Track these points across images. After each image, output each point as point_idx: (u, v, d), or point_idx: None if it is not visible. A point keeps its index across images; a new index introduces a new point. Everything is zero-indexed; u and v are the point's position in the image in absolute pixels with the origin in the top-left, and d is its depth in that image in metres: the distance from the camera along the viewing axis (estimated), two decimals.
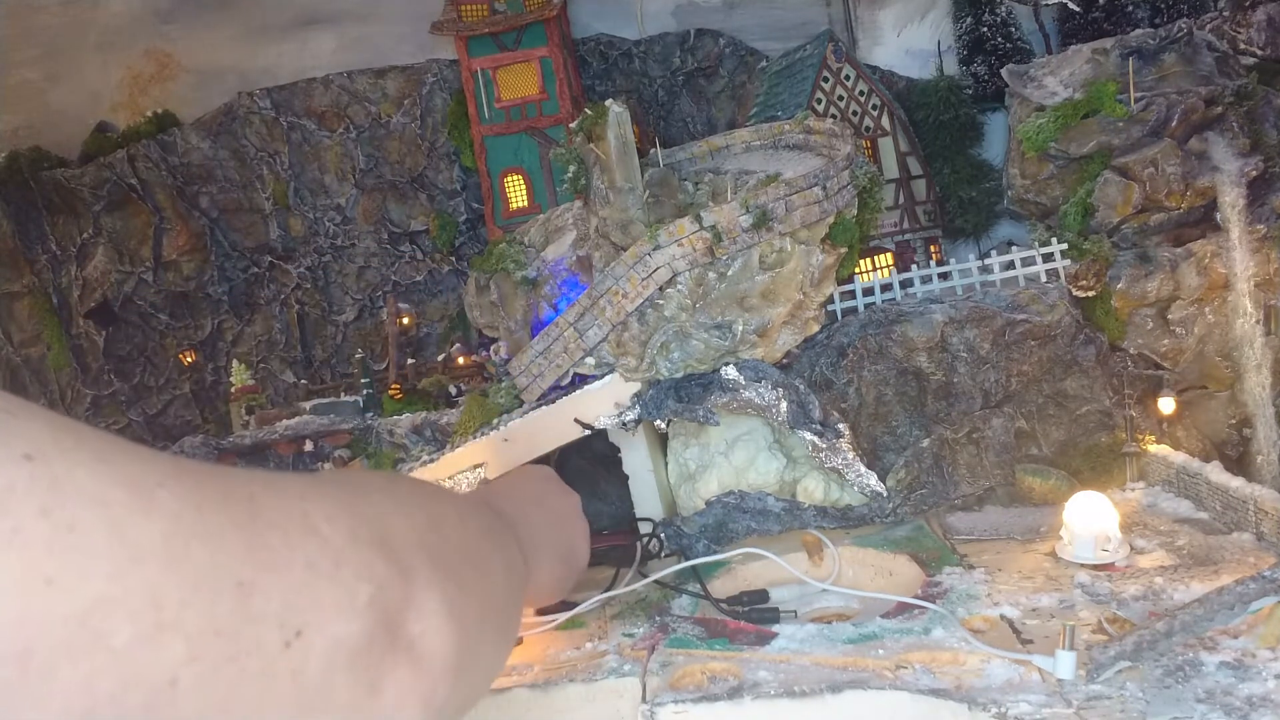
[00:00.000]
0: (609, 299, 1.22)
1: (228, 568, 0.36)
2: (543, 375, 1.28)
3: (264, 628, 0.37)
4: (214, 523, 0.37)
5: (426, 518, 0.50)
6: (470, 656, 0.47)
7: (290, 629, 0.38)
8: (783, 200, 1.20)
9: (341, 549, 0.41)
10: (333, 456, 1.35)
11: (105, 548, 0.33)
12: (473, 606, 0.48)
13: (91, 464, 0.34)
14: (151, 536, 0.34)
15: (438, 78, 1.79)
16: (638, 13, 1.79)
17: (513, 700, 0.92)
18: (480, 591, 0.51)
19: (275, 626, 0.37)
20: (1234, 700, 0.75)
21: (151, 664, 0.34)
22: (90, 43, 1.87)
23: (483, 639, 0.50)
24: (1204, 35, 1.46)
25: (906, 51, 1.74)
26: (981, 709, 0.78)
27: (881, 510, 1.23)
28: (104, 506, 0.34)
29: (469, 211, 1.80)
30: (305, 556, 0.40)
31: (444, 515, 0.53)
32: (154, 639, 0.34)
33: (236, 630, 0.36)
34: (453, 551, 0.50)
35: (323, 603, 0.39)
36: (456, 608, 0.46)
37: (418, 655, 0.43)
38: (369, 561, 0.42)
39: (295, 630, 0.38)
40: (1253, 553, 1.03)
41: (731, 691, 0.85)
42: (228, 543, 0.37)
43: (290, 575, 0.39)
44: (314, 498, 0.42)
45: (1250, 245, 1.32)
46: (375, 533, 0.44)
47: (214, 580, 0.36)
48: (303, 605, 0.38)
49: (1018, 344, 1.28)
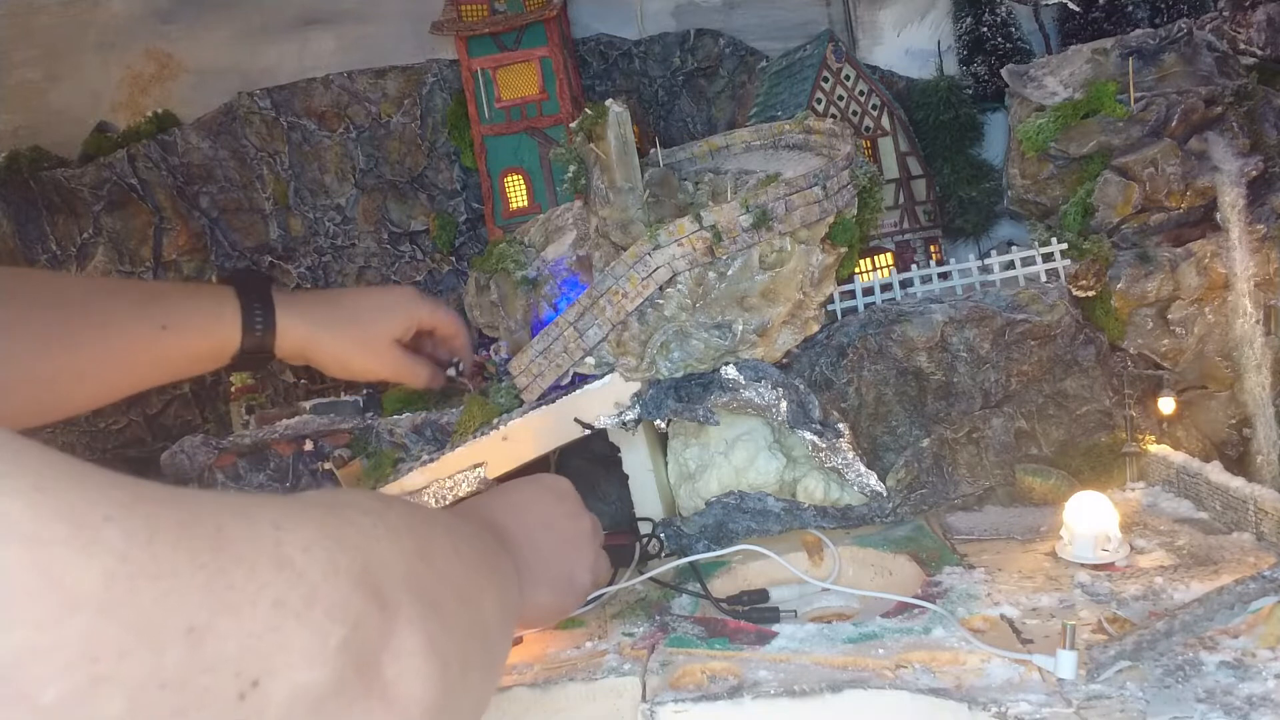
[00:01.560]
0: (609, 299, 1.22)
1: (178, 611, 0.33)
2: (543, 375, 1.28)
3: (217, 677, 0.34)
4: (167, 560, 0.34)
5: (416, 546, 0.47)
6: (454, 697, 0.44)
7: (246, 679, 0.35)
8: (783, 200, 1.21)
9: (316, 583, 0.38)
10: (333, 456, 1.35)
11: (35, 592, 0.30)
12: (457, 644, 0.46)
13: (28, 494, 0.31)
14: (91, 579, 0.31)
15: (438, 78, 1.79)
16: (638, 13, 1.79)
17: (512, 700, 0.92)
18: (468, 629, 0.48)
19: (230, 676, 0.34)
20: (1234, 700, 0.75)
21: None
22: (90, 43, 1.87)
23: (467, 679, 0.47)
24: (1204, 35, 1.46)
25: (906, 51, 1.74)
26: (981, 708, 0.78)
27: (881, 510, 1.23)
28: (38, 545, 0.31)
29: (469, 211, 1.80)
30: (273, 594, 0.36)
31: (435, 545, 0.50)
32: (88, 695, 0.31)
33: (184, 682, 0.33)
34: (441, 585, 0.47)
35: (288, 647, 0.36)
36: (439, 647, 0.43)
37: (392, 700, 0.40)
38: (345, 597, 0.39)
39: (252, 680, 0.35)
40: (1253, 553, 1.03)
41: (731, 691, 0.85)
42: (181, 582, 0.33)
43: (253, 617, 0.35)
44: (291, 525, 0.39)
45: (1250, 245, 1.32)
46: (357, 562, 0.41)
47: (161, 626, 0.32)
48: (263, 651, 0.35)
49: (1018, 344, 1.28)
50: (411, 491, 1.26)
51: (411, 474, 1.26)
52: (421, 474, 1.26)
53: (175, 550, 0.34)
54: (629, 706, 0.90)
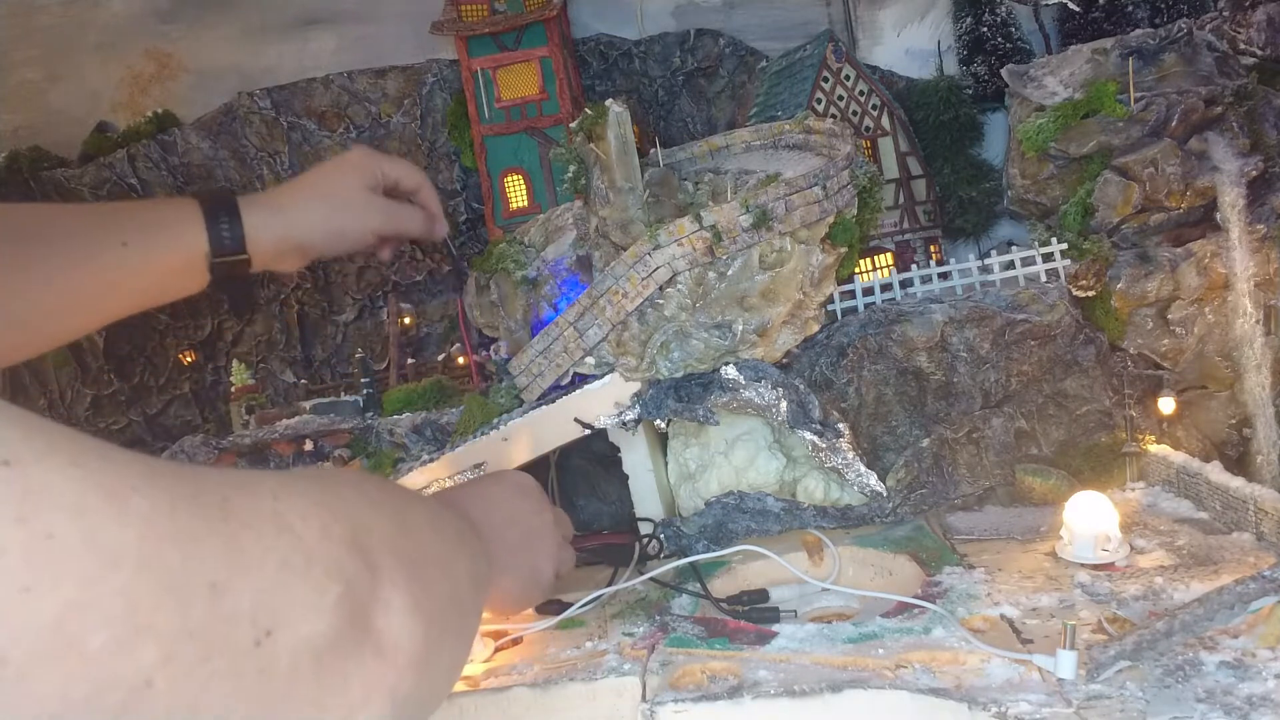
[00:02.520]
0: (609, 299, 1.22)
1: (200, 570, 0.37)
2: (543, 375, 1.28)
3: (235, 628, 0.38)
4: (187, 525, 0.37)
5: (395, 516, 0.51)
6: (434, 653, 0.48)
7: (261, 628, 0.39)
8: (783, 200, 1.21)
9: (314, 546, 0.42)
10: (333, 456, 1.35)
11: (80, 554, 0.33)
12: (436, 606, 0.49)
13: (66, 469, 0.34)
14: (125, 541, 0.35)
15: (438, 78, 1.79)
16: (638, 13, 1.79)
17: (512, 700, 0.92)
18: (444, 593, 0.52)
19: (247, 626, 0.38)
20: (1234, 700, 0.75)
21: (126, 667, 0.34)
22: (90, 43, 1.87)
23: (445, 638, 0.51)
24: (1204, 35, 1.46)
25: (906, 51, 1.74)
26: (981, 708, 0.78)
27: (881, 510, 1.23)
28: (79, 513, 0.34)
29: (469, 211, 1.80)
30: (279, 555, 0.41)
31: (413, 517, 0.54)
32: (128, 643, 0.34)
33: (208, 631, 0.37)
34: (420, 552, 0.51)
35: (294, 601, 0.40)
36: (422, 605, 0.47)
37: (383, 649, 0.45)
38: (339, 559, 0.43)
39: (265, 630, 0.39)
40: (1253, 553, 1.03)
41: (731, 691, 0.85)
42: (201, 545, 0.37)
43: (263, 575, 0.39)
44: (286, 496, 0.43)
45: (1250, 245, 1.32)
46: (346, 529, 0.45)
47: (187, 583, 0.36)
48: (274, 605, 0.39)
49: (1018, 344, 1.28)
50: None
51: (411, 474, 1.26)
52: (421, 474, 1.26)
53: (192, 517, 0.38)
54: (629, 706, 0.90)
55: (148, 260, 0.91)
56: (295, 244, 1.01)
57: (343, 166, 1.07)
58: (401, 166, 1.12)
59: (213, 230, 0.94)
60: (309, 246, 1.02)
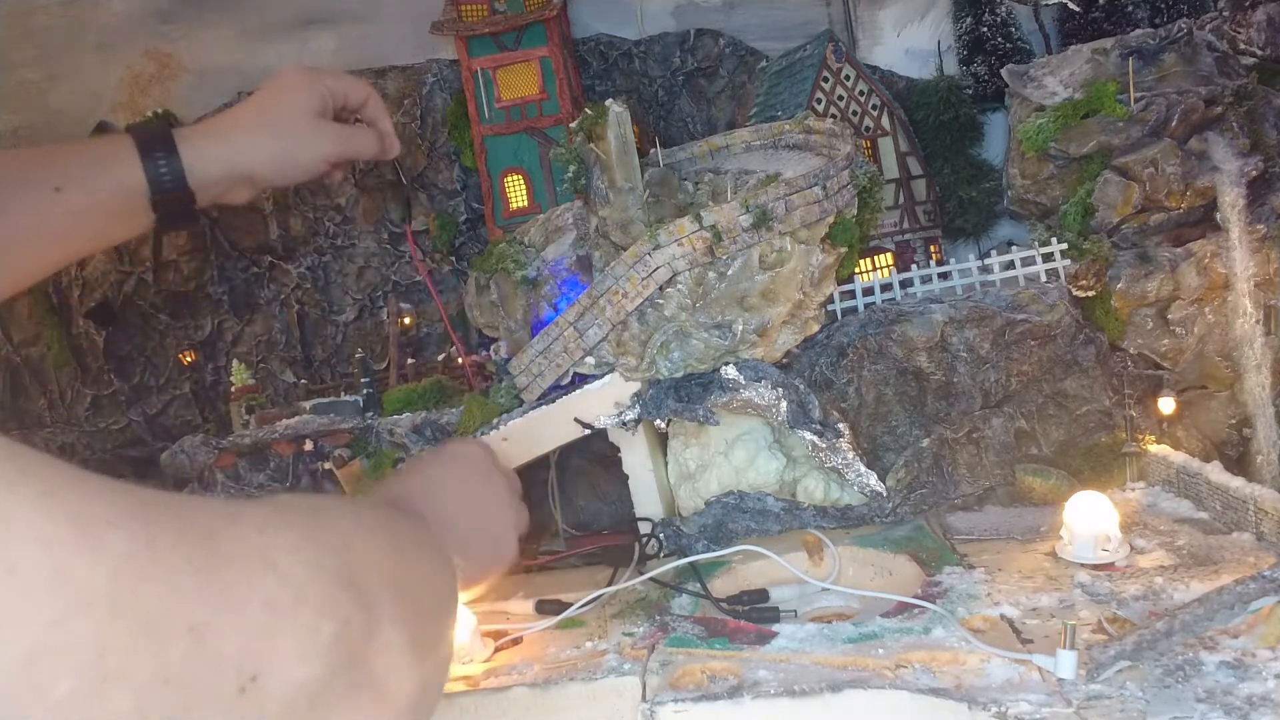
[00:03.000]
0: (609, 298, 1.22)
1: (180, 611, 0.35)
2: (543, 375, 1.28)
3: (218, 674, 0.35)
4: (167, 562, 0.35)
5: (390, 543, 0.49)
6: (430, 687, 0.47)
7: (246, 674, 0.36)
8: (783, 200, 1.21)
9: (303, 584, 0.40)
10: (333, 456, 1.35)
11: (47, 593, 0.31)
12: (431, 630, 0.48)
13: (36, 499, 0.32)
14: (98, 579, 0.32)
15: (438, 78, 1.79)
16: (638, 13, 1.79)
17: (512, 700, 0.92)
18: (436, 615, 0.51)
19: (231, 672, 0.36)
20: (1234, 700, 0.75)
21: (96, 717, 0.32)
22: (90, 43, 1.87)
23: (438, 666, 0.49)
24: (1204, 35, 1.46)
25: (906, 51, 1.74)
26: (981, 708, 0.78)
27: (881, 510, 1.23)
28: (47, 547, 0.31)
29: (469, 211, 1.80)
30: (264, 595, 0.38)
31: (404, 539, 0.52)
32: (98, 691, 0.32)
33: (188, 678, 0.34)
34: (412, 576, 0.50)
35: (282, 644, 0.38)
36: (418, 639, 0.46)
37: (381, 693, 0.42)
38: (333, 597, 0.41)
39: (250, 675, 0.36)
40: (1253, 553, 1.03)
41: (731, 691, 0.85)
42: (181, 584, 0.35)
43: (248, 616, 0.37)
44: (275, 529, 0.41)
45: (1250, 245, 1.32)
46: (340, 563, 0.42)
47: (165, 625, 0.34)
48: (260, 648, 0.37)
49: (1018, 344, 1.28)
50: None
51: None
52: None
53: (173, 553, 0.35)
54: (629, 706, 0.90)
55: (85, 204, 0.86)
56: (243, 175, 0.94)
57: (287, 89, 0.98)
58: (346, 81, 1.05)
59: (149, 167, 0.88)
60: (259, 178, 0.96)
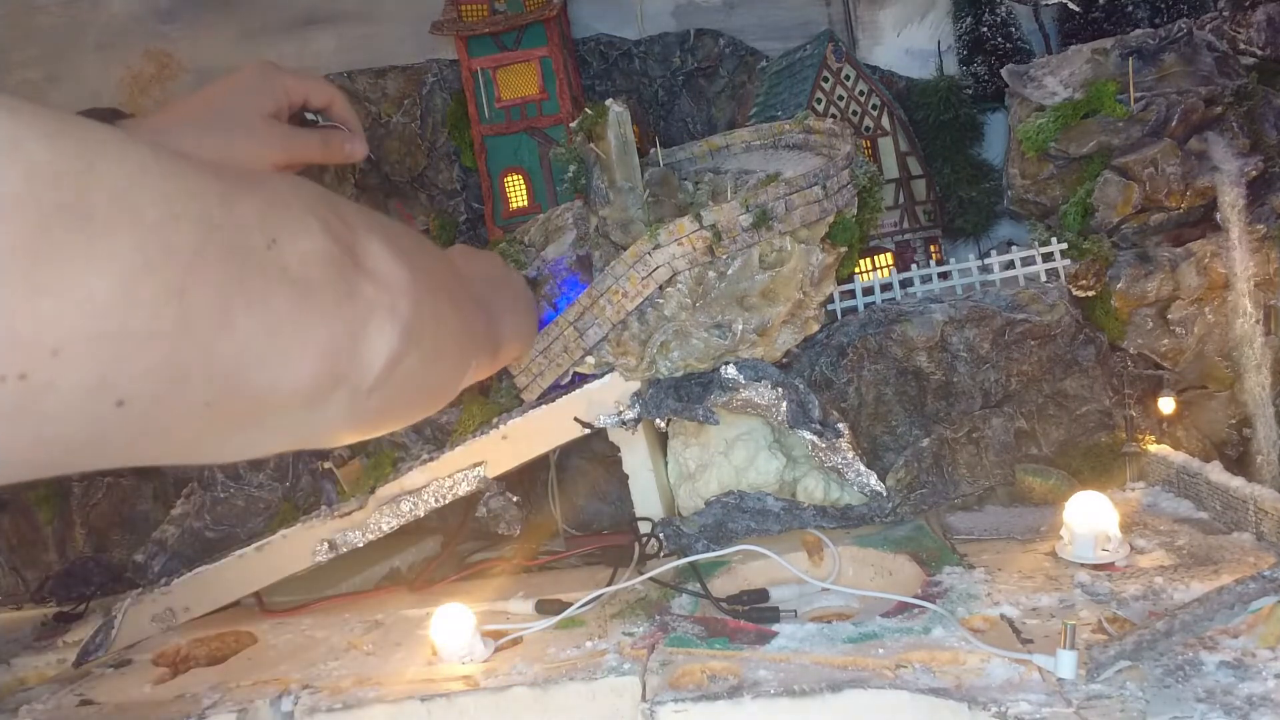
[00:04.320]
0: (609, 298, 1.22)
1: (212, 185, 0.40)
2: (543, 374, 1.28)
3: (248, 231, 0.41)
4: (179, 162, 0.40)
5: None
6: (425, 300, 0.52)
7: (268, 235, 0.42)
8: (783, 200, 1.21)
9: (290, 194, 0.46)
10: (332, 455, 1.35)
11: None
12: (421, 268, 0.53)
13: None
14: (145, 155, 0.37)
15: (438, 78, 1.79)
16: (638, 13, 1.79)
17: (512, 699, 0.92)
18: (427, 269, 0.55)
19: (256, 231, 0.41)
20: (1234, 700, 0.75)
21: (172, 243, 0.37)
22: (90, 43, 1.87)
23: (436, 303, 0.54)
24: (1204, 35, 1.46)
25: (906, 51, 1.74)
26: (981, 708, 0.78)
27: (881, 510, 1.23)
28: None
29: (469, 211, 1.79)
30: (264, 191, 0.44)
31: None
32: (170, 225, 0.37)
33: (229, 230, 0.40)
34: (395, 230, 0.55)
35: (289, 222, 0.44)
36: (404, 256, 0.51)
37: (378, 277, 0.49)
38: (312, 202, 0.47)
39: (271, 238, 0.42)
40: (1253, 553, 1.03)
41: (731, 690, 0.85)
42: (201, 170, 0.41)
43: (258, 198, 0.43)
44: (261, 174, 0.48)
45: (1250, 245, 1.32)
46: (318, 192, 0.50)
47: (204, 189, 0.39)
48: (273, 220, 0.43)
49: (1018, 344, 1.28)
50: (411, 490, 1.26)
51: (411, 473, 1.26)
52: (421, 473, 1.26)
53: (194, 163, 0.41)
54: (629, 706, 0.90)
55: None
56: None
57: (240, 88, 0.97)
58: (309, 82, 1.02)
59: None
60: None
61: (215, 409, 0.40)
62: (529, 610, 1.15)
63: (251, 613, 1.30)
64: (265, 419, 0.44)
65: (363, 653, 1.10)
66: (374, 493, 1.27)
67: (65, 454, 0.36)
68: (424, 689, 0.95)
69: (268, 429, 0.45)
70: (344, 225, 0.48)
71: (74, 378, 0.33)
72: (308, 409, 0.45)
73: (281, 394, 0.43)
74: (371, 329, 0.47)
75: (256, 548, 1.28)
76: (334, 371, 0.45)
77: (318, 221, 0.46)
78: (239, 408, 0.41)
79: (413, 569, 1.41)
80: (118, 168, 0.35)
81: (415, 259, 0.53)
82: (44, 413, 0.33)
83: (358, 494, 1.28)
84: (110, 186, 0.35)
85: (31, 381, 0.32)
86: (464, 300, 0.67)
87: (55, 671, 1.25)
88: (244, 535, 1.35)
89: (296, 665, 1.08)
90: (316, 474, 1.36)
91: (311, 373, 0.44)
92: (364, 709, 0.94)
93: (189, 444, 0.42)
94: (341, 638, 1.16)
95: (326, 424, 0.48)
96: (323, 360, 0.44)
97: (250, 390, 0.41)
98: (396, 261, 0.50)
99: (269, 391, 0.42)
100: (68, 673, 1.20)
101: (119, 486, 1.58)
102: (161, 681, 1.12)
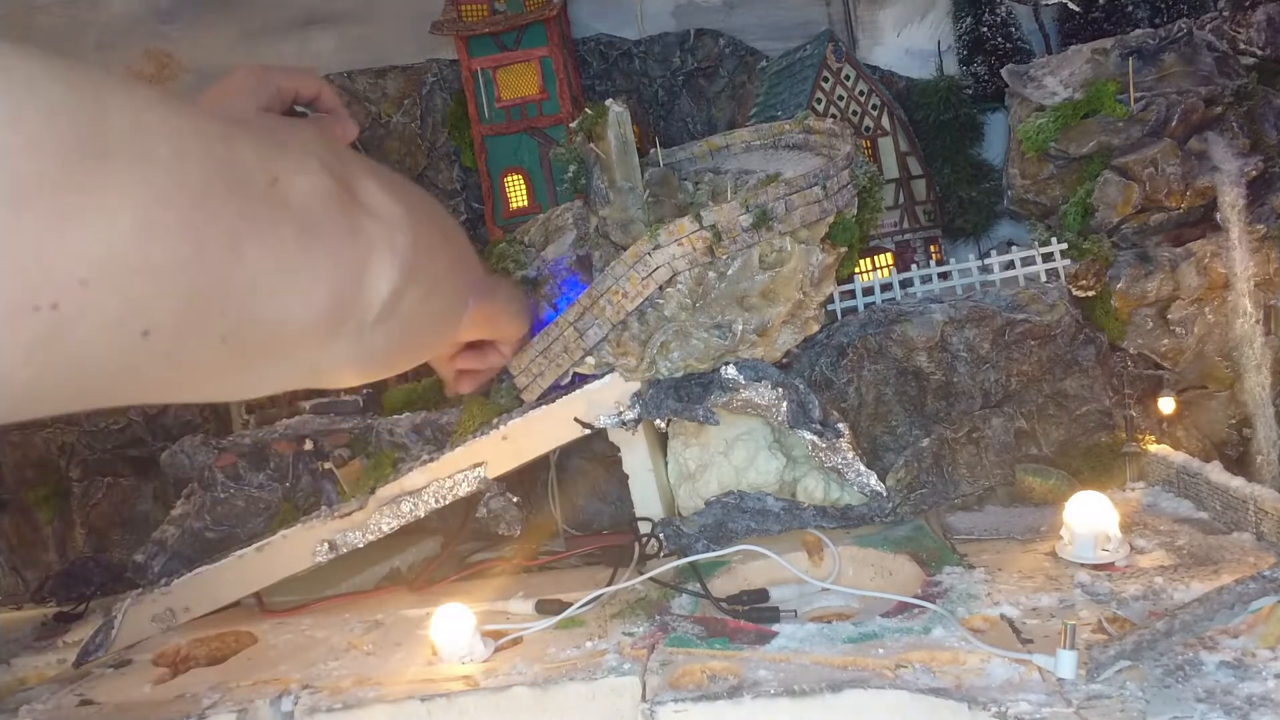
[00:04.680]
0: (609, 298, 1.22)
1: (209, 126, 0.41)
2: (543, 375, 1.28)
3: (250, 169, 0.42)
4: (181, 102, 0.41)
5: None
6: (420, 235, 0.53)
7: (269, 175, 0.43)
8: (783, 200, 1.20)
9: (287, 136, 0.48)
10: (333, 455, 1.35)
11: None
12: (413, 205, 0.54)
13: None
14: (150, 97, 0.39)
15: (438, 78, 1.79)
16: (638, 13, 1.79)
17: (512, 699, 0.92)
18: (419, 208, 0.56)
19: (258, 170, 0.43)
20: (1234, 700, 0.75)
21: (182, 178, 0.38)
22: (90, 43, 1.87)
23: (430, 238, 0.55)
24: (1204, 35, 1.46)
25: (906, 51, 1.74)
26: (981, 708, 0.78)
27: (881, 510, 1.23)
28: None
29: (469, 211, 1.80)
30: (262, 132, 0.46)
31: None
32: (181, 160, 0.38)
33: (232, 166, 0.41)
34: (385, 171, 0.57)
35: (286, 161, 0.45)
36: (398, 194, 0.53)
37: (377, 213, 0.50)
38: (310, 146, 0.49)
39: (273, 176, 0.43)
40: (1253, 553, 1.03)
41: (731, 690, 0.85)
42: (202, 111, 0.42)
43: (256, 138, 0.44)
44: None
45: (1250, 245, 1.32)
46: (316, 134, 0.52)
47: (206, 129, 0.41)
48: (272, 159, 0.44)
49: (1018, 344, 1.28)
50: (411, 491, 1.26)
51: (411, 474, 1.26)
52: (421, 474, 1.26)
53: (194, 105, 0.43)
54: (629, 706, 0.90)
55: None
56: None
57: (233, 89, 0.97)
58: (296, 76, 1.03)
59: None
60: None
61: (231, 343, 0.41)
62: (529, 610, 1.15)
63: (251, 613, 1.30)
64: (278, 354, 0.46)
65: (363, 653, 1.10)
66: (374, 493, 1.27)
67: (97, 384, 0.37)
68: (424, 689, 0.95)
69: (280, 365, 0.47)
70: (340, 164, 0.50)
71: (102, 307, 0.34)
72: (318, 343, 0.47)
73: (292, 327, 0.44)
74: (373, 263, 0.49)
75: (256, 548, 1.28)
76: (341, 304, 0.47)
77: (316, 160, 0.47)
78: (254, 342, 0.43)
79: (413, 569, 1.41)
80: (128, 104, 0.37)
81: (407, 197, 0.55)
82: (77, 341, 0.34)
83: (358, 494, 1.28)
84: (122, 123, 0.36)
85: (63, 311, 0.33)
86: (455, 237, 0.69)
87: (55, 671, 1.25)
88: (244, 535, 1.35)
89: (296, 665, 1.08)
90: (317, 474, 1.36)
91: (321, 305, 0.45)
92: (364, 709, 0.94)
93: (209, 379, 0.44)
94: (341, 638, 1.16)
95: (333, 360, 0.50)
96: (330, 293, 0.46)
97: (263, 324, 0.43)
98: (392, 199, 0.52)
99: (281, 325, 0.44)
100: (68, 673, 1.20)
101: (119, 486, 1.58)
102: (161, 681, 1.12)
